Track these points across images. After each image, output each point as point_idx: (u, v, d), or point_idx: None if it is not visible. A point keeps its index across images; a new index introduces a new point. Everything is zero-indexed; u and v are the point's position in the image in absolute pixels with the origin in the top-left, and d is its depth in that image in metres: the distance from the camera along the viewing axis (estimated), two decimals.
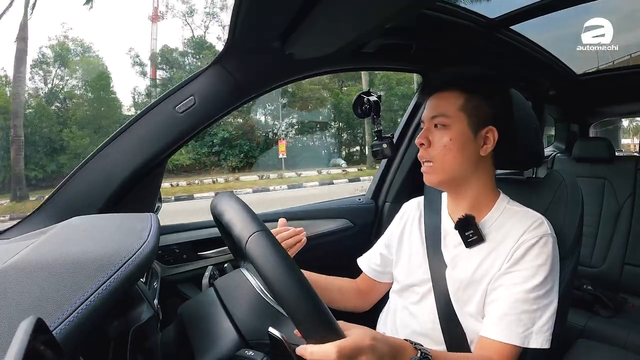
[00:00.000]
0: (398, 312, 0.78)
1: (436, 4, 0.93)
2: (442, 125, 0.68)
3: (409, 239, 0.81)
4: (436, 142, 0.68)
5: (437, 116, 0.69)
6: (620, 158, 1.84)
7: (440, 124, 0.68)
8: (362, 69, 1.15)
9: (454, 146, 0.67)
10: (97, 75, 14.32)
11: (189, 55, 16.78)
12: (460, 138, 0.67)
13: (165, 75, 16.47)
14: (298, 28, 0.71)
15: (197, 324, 0.62)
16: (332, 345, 0.42)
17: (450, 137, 0.67)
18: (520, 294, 0.61)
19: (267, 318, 0.58)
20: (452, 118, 0.67)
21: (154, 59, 15.92)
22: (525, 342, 0.59)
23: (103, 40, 26.93)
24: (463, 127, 0.67)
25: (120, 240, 0.50)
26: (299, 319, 0.41)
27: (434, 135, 0.69)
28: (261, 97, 0.98)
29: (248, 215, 0.49)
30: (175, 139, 0.85)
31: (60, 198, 0.79)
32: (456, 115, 0.67)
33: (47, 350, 0.27)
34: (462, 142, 0.67)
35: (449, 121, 0.67)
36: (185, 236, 1.03)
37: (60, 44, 14.81)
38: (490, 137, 0.68)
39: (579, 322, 1.41)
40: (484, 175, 0.71)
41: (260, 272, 0.42)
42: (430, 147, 0.69)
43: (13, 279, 0.40)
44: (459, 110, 0.67)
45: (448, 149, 0.67)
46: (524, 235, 0.64)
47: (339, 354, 0.41)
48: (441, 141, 0.68)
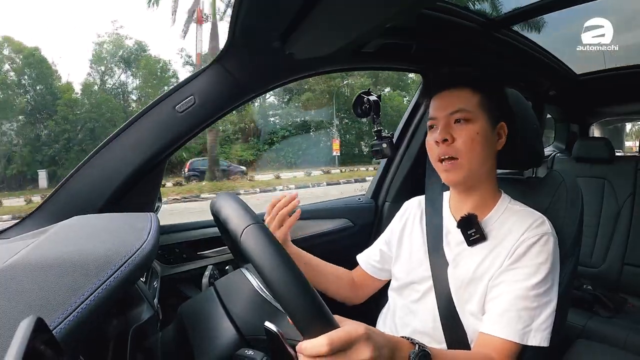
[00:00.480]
0: (398, 311, 0.78)
1: (436, 4, 0.93)
2: (465, 120, 0.67)
3: (409, 237, 0.81)
4: (462, 136, 0.67)
5: (457, 111, 0.67)
6: (620, 158, 1.84)
7: (463, 119, 0.67)
8: (362, 68, 1.15)
9: (481, 140, 0.67)
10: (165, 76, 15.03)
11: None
12: (484, 132, 0.67)
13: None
14: (298, 28, 0.71)
15: (197, 323, 0.62)
16: (323, 337, 0.39)
17: (478, 131, 0.67)
18: (520, 290, 0.61)
19: (265, 313, 0.58)
20: (474, 113, 0.67)
21: (202, 60, 16.08)
22: (524, 339, 0.59)
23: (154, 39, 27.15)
24: (485, 121, 0.68)
25: (120, 240, 0.50)
26: (293, 312, 0.40)
27: (456, 131, 0.68)
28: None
29: (242, 210, 0.48)
30: (175, 139, 0.85)
31: (60, 197, 0.79)
32: (477, 110, 0.68)
33: (47, 349, 0.27)
34: (486, 136, 0.67)
35: (472, 115, 0.67)
36: (185, 236, 1.03)
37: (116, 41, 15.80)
38: (502, 133, 0.70)
39: (579, 322, 1.41)
40: (491, 174, 0.72)
41: (254, 264, 0.41)
42: (453, 142, 0.67)
43: (13, 279, 0.40)
44: (478, 106, 0.68)
45: (477, 143, 0.66)
46: (526, 233, 0.64)
47: (331, 346, 0.39)
48: (467, 135, 0.66)
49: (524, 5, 1.06)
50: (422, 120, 1.33)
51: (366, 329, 0.43)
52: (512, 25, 1.15)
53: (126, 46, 16.15)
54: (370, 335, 0.42)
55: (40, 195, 10.53)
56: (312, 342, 0.40)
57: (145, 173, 0.85)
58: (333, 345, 0.39)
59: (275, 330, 0.48)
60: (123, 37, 16.10)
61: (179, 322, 0.66)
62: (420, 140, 1.35)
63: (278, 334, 0.47)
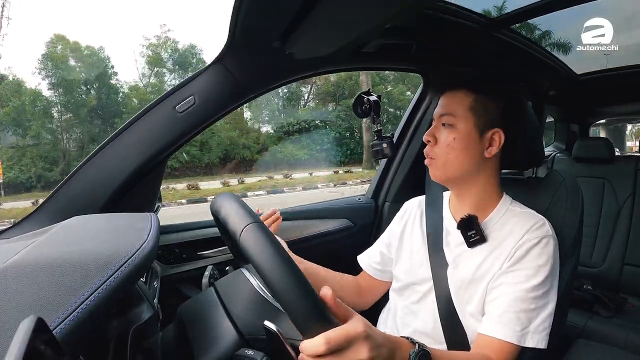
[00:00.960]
0: (398, 312, 0.78)
1: (436, 4, 0.93)
2: (449, 124, 0.69)
3: (410, 238, 0.81)
4: (442, 140, 0.69)
5: (445, 114, 0.70)
6: (620, 158, 1.84)
7: (447, 123, 0.69)
8: (362, 68, 1.15)
9: (457, 145, 0.67)
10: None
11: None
12: (464, 138, 0.67)
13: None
14: (298, 28, 0.71)
15: (197, 323, 0.62)
16: (320, 337, 0.39)
17: (455, 137, 0.68)
18: (519, 292, 0.61)
19: (265, 313, 0.58)
20: (458, 117, 0.68)
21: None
22: (522, 341, 0.59)
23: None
24: (469, 127, 0.67)
25: (120, 240, 0.50)
26: (292, 312, 0.39)
27: (441, 133, 0.70)
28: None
29: (241, 210, 0.48)
30: (175, 139, 0.85)
31: (60, 198, 0.79)
32: (464, 114, 0.68)
33: (48, 349, 0.27)
34: (466, 142, 0.67)
35: (455, 120, 0.68)
36: (185, 236, 1.03)
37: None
38: (496, 139, 0.68)
39: (579, 322, 1.41)
40: (489, 176, 0.72)
41: (253, 263, 0.41)
42: (435, 144, 0.70)
43: (13, 279, 0.40)
44: (467, 109, 0.68)
45: (451, 148, 0.68)
46: (526, 235, 0.64)
47: (328, 345, 0.38)
48: (446, 140, 0.69)
49: (524, 5, 1.06)
50: (423, 120, 1.33)
51: (365, 327, 0.42)
52: (512, 25, 1.15)
53: (179, 48, 16.49)
54: (369, 334, 0.42)
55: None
56: (311, 342, 0.39)
57: (145, 173, 0.85)
58: (330, 344, 0.39)
59: (275, 330, 0.47)
60: (172, 41, 16.49)
61: (179, 322, 0.66)
62: (420, 140, 1.35)
63: (278, 333, 0.47)
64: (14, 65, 20.30)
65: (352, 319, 0.42)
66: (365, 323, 0.43)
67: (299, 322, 0.40)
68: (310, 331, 0.40)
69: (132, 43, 18.47)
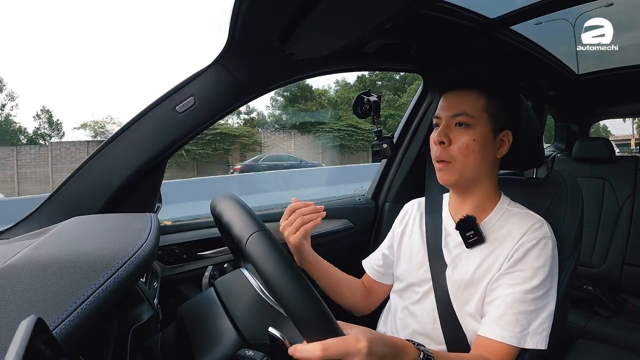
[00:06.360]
0: (398, 312, 0.77)
1: (436, 4, 0.93)
2: (465, 125, 0.66)
3: (409, 239, 0.81)
4: (459, 141, 0.66)
5: (459, 114, 0.67)
6: (620, 158, 1.84)
7: (464, 123, 0.66)
8: (362, 69, 1.15)
9: (476, 147, 0.66)
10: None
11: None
12: (482, 139, 0.66)
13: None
14: (298, 28, 0.71)
15: (197, 323, 0.62)
16: (318, 343, 0.39)
17: (474, 138, 0.65)
18: (518, 294, 0.61)
19: (267, 318, 0.58)
20: (475, 118, 0.66)
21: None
22: (521, 343, 0.59)
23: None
24: (486, 128, 0.66)
25: (120, 240, 0.50)
26: (299, 320, 0.40)
27: (455, 134, 0.67)
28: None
29: (247, 215, 0.48)
30: (176, 139, 0.85)
31: (61, 198, 0.79)
32: (480, 115, 0.66)
33: (47, 349, 0.27)
34: (483, 143, 0.66)
35: (472, 121, 0.66)
36: (185, 236, 1.03)
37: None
38: (505, 141, 0.68)
39: (579, 322, 1.41)
40: (492, 177, 0.72)
41: (260, 272, 0.42)
42: (450, 145, 0.67)
43: (13, 279, 0.40)
44: (482, 110, 0.66)
45: (471, 150, 0.66)
46: (524, 236, 0.64)
47: (325, 352, 0.38)
48: (463, 141, 0.66)
49: (524, 5, 1.06)
50: (422, 120, 1.33)
51: (368, 341, 0.42)
52: (512, 25, 1.15)
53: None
54: (371, 351, 0.41)
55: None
56: (308, 346, 0.40)
57: (145, 173, 0.85)
58: (327, 352, 0.39)
59: (279, 336, 0.47)
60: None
61: (179, 322, 0.65)
62: (420, 140, 1.35)
63: (282, 339, 0.47)
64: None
65: (356, 332, 0.42)
66: (369, 338, 0.42)
67: (306, 333, 0.40)
68: (312, 337, 0.40)
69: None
